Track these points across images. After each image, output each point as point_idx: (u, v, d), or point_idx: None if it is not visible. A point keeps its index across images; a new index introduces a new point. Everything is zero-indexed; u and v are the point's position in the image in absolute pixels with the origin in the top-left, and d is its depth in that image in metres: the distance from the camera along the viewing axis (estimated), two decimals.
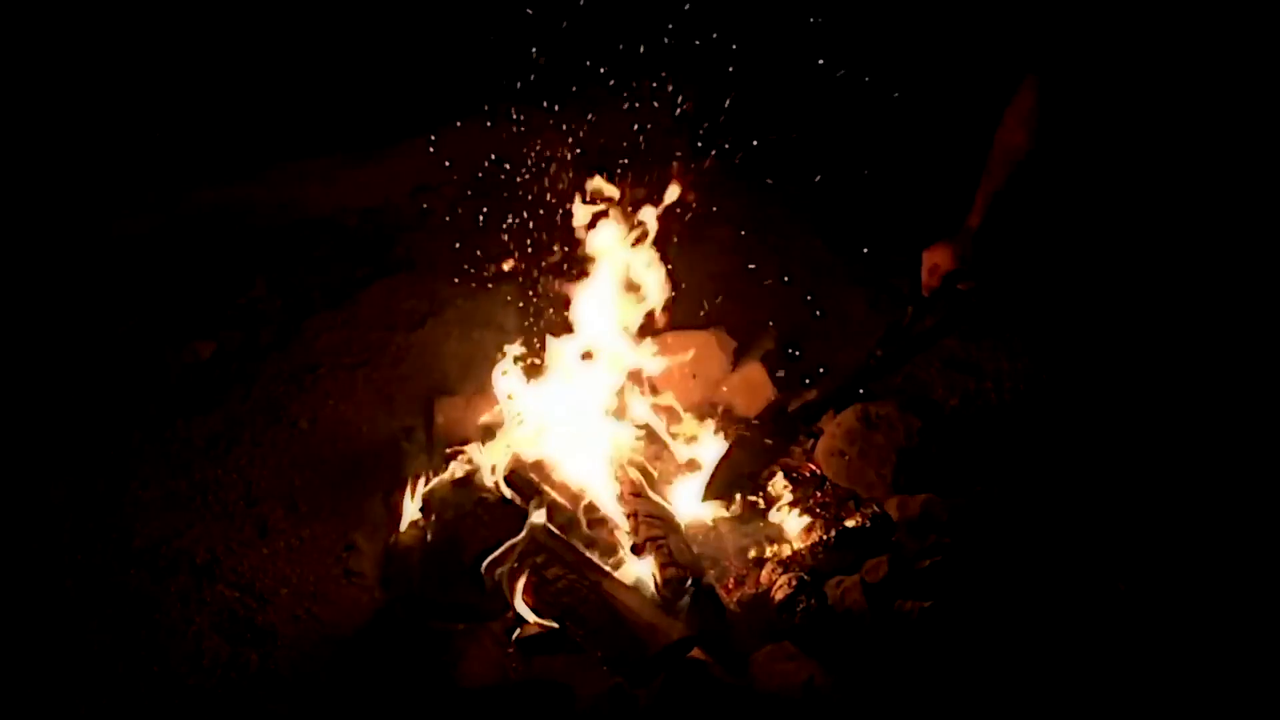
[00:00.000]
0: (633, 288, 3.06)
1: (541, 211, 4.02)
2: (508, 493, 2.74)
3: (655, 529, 2.67)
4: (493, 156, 4.91)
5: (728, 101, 4.10)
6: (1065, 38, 2.51)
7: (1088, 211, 2.99)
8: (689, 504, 2.92)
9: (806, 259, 4.18)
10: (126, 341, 3.82)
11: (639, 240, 3.01)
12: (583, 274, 3.10)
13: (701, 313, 3.70)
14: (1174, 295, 3.38)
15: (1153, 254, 3.21)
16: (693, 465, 3.06)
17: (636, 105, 4.33)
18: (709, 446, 3.09)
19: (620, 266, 3.03)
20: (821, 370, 3.45)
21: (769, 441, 3.02)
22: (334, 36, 6.47)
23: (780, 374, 3.43)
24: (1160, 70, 2.55)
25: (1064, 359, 3.53)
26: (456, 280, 4.21)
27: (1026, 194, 2.59)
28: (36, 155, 5.22)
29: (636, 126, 4.27)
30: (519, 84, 4.30)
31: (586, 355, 3.06)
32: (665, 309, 3.10)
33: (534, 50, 4.16)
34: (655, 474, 2.96)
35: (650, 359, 3.10)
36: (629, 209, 3.01)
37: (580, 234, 3.06)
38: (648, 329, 3.27)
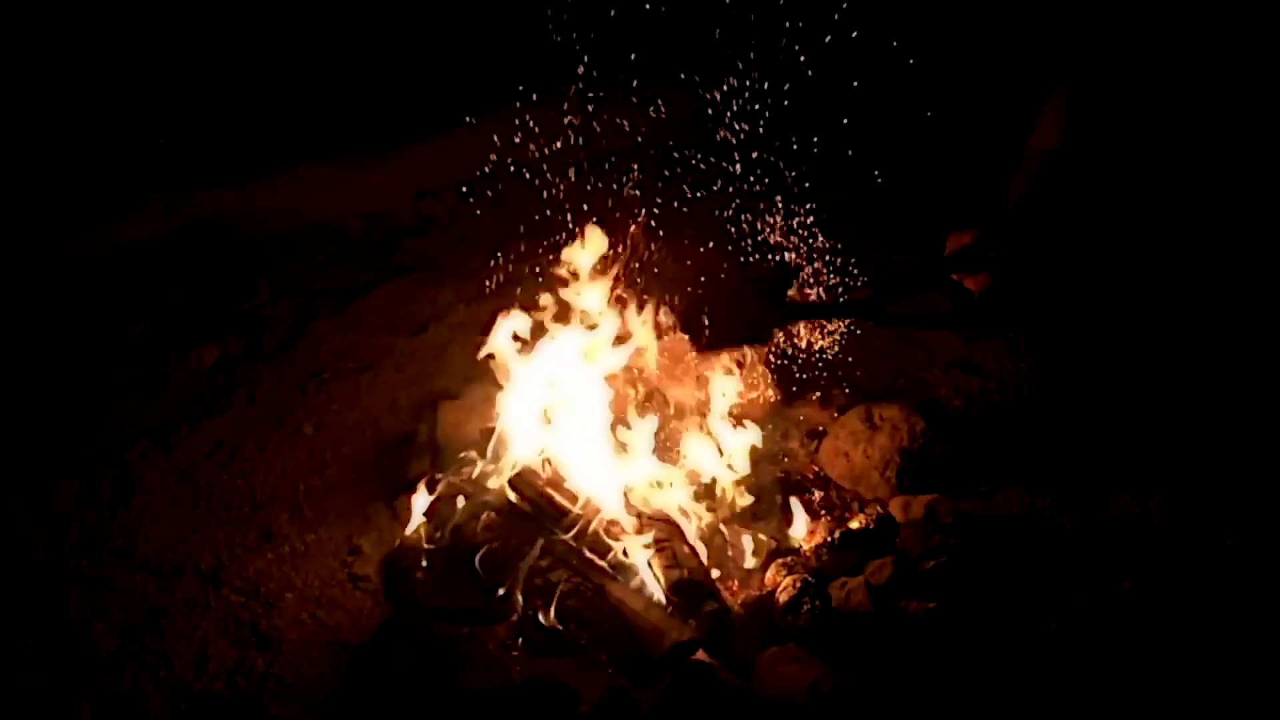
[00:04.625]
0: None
1: (544, 215, 4.04)
2: (513, 496, 2.74)
3: (660, 531, 2.68)
4: (494, 159, 4.91)
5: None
6: (1095, 48, 2.54)
7: (1112, 215, 2.98)
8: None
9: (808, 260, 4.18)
10: (131, 347, 3.84)
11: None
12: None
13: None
14: (1178, 296, 3.38)
15: (1160, 255, 3.22)
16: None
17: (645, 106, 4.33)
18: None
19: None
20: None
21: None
22: (337, 40, 6.49)
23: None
24: (1186, 80, 2.58)
25: (1068, 360, 3.53)
26: (460, 285, 4.22)
27: (1056, 197, 2.59)
28: (41, 161, 5.24)
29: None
30: (521, 88, 4.30)
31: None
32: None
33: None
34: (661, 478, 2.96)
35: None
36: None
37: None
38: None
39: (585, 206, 3.82)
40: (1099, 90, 2.52)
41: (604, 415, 3.00)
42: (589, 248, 2.97)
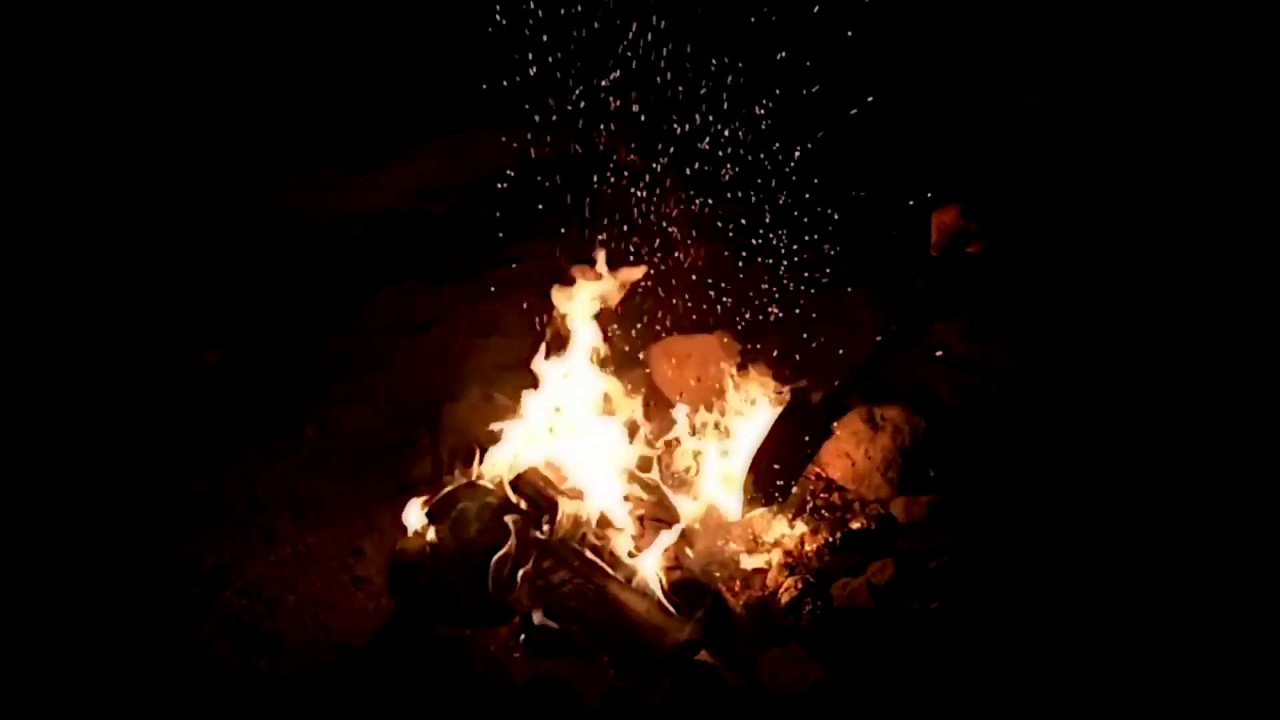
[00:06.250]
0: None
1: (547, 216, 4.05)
2: (515, 498, 2.74)
3: (662, 532, 2.68)
4: (495, 163, 4.93)
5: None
6: (1075, 26, 2.54)
7: (1094, 184, 2.98)
8: (726, 510, 2.87)
9: (809, 262, 4.18)
10: (134, 349, 3.84)
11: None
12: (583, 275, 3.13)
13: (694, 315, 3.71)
14: (1175, 295, 3.38)
15: (1154, 253, 3.22)
16: (702, 468, 3.06)
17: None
18: (732, 448, 3.07)
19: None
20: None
21: (801, 438, 2.85)
22: (337, 43, 6.50)
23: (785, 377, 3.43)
24: (1164, 60, 2.58)
25: (1069, 360, 3.52)
26: (460, 286, 4.23)
27: (1038, 158, 2.58)
28: (43, 163, 5.25)
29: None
30: (521, 91, 4.31)
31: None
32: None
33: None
34: (662, 478, 2.96)
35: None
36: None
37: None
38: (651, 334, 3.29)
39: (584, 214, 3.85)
40: (1080, 58, 2.51)
41: (607, 415, 3.02)
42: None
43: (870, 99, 4.22)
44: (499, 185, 4.65)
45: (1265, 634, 2.36)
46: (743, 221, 4.32)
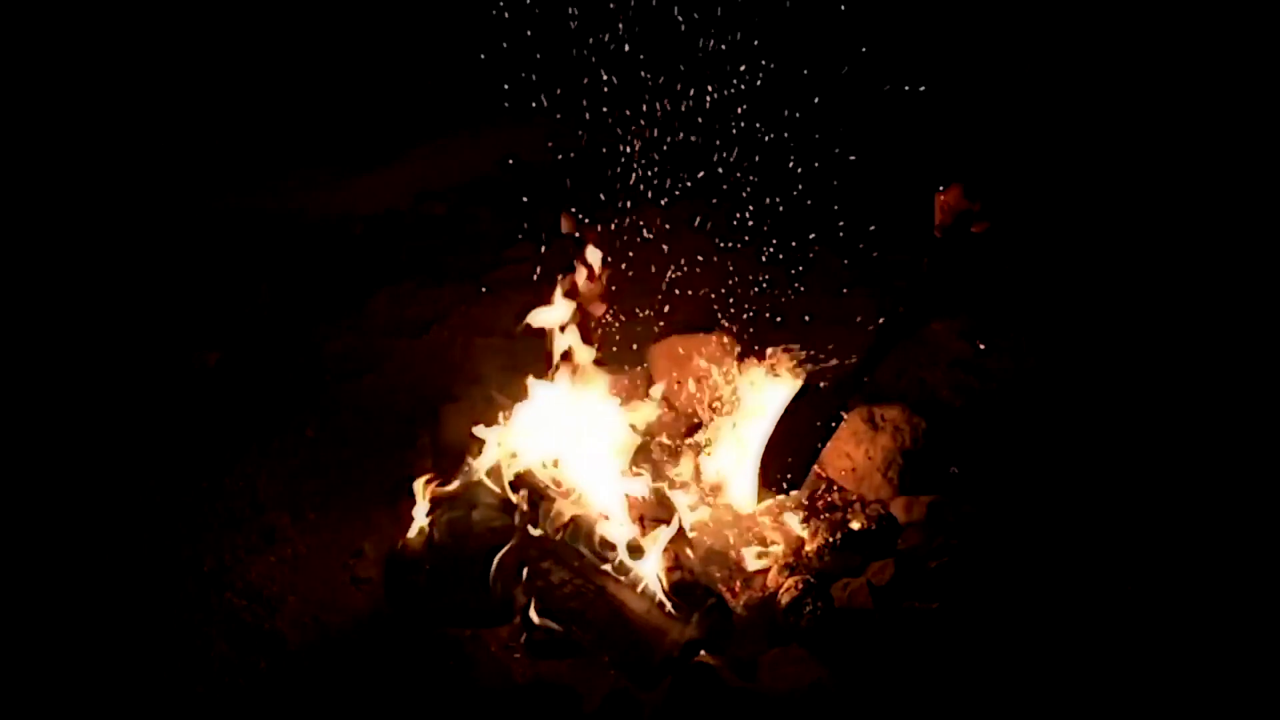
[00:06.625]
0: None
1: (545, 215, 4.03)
2: (515, 498, 2.74)
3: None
4: (495, 163, 4.93)
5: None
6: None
7: (1094, 177, 2.98)
8: (742, 502, 2.86)
9: (808, 262, 4.18)
10: (133, 350, 3.84)
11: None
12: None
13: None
14: (1174, 295, 3.38)
15: (1153, 250, 3.21)
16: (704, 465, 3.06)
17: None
18: (741, 438, 3.06)
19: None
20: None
21: (813, 425, 2.85)
22: (338, 45, 6.51)
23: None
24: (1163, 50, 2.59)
25: (1069, 360, 3.52)
26: (460, 286, 4.23)
27: (1041, 136, 2.58)
28: (44, 165, 5.25)
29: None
30: (518, 93, 4.32)
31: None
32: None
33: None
34: (662, 477, 2.96)
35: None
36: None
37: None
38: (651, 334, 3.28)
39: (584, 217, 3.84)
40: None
41: (608, 416, 3.01)
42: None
43: (867, 97, 4.22)
44: (499, 185, 4.65)
45: (1265, 634, 2.36)
46: (742, 220, 4.32)
